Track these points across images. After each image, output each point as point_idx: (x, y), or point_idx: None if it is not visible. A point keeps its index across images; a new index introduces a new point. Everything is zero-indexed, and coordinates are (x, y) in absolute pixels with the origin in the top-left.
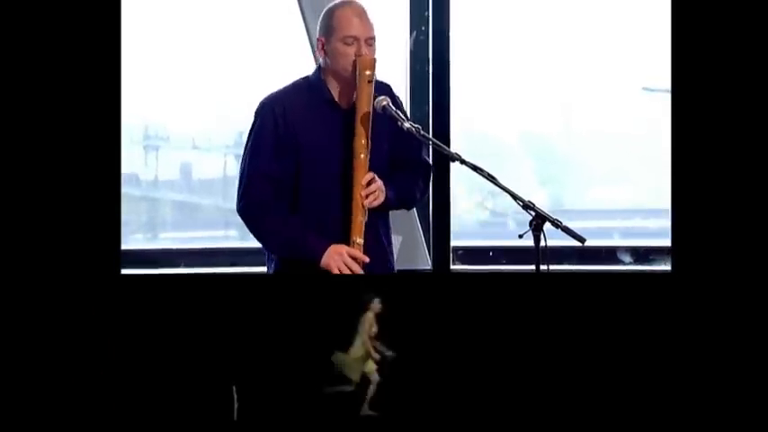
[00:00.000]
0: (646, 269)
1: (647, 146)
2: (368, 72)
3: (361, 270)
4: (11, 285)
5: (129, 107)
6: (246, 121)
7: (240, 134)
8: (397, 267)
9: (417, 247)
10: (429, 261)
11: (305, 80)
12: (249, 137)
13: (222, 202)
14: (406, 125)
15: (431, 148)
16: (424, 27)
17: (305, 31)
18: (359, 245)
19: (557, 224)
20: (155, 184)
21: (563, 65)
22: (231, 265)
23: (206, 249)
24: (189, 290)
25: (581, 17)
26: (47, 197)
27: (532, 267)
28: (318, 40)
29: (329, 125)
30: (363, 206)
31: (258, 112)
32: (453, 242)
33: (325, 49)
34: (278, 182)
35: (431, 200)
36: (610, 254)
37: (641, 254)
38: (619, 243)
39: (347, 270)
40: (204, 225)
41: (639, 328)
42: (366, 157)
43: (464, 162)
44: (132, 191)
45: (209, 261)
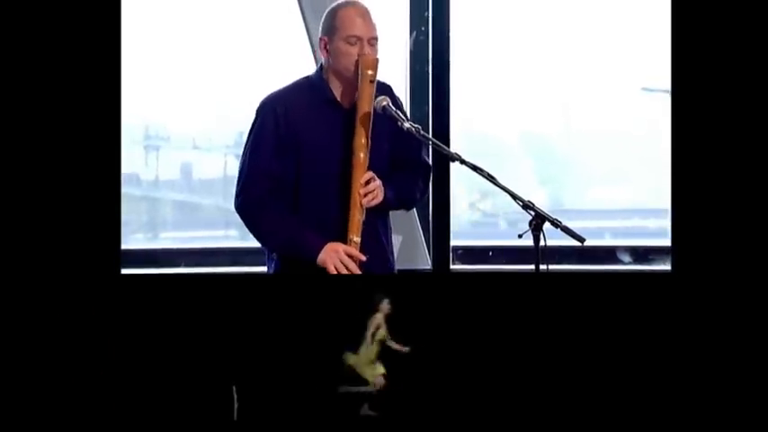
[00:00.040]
0: (645, 269)
1: (646, 146)
2: (370, 72)
3: (358, 268)
4: (11, 285)
5: (130, 107)
6: (247, 121)
7: (241, 134)
8: (397, 267)
9: (417, 246)
10: (429, 261)
11: (306, 80)
12: (249, 135)
13: (223, 202)
14: (406, 125)
15: (431, 148)
16: (423, 27)
17: (305, 31)
18: (356, 243)
19: (556, 224)
20: (155, 183)
21: (562, 65)
22: (231, 265)
23: (206, 249)
24: (189, 290)
25: (580, 17)
26: (47, 197)
27: (532, 267)
28: (321, 39)
29: (330, 124)
30: (361, 205)
31: (259, 111)
32: (452, 242)
33: (327, 49)
34: (277, 180)
35: (430, 200)
36: (609, 254)
37: (640, 254)
38: (618, 243)
39: (343, 267)
40: (205, 225)
41: (639, 328)
42: (366, 156)
43: (464, 162)
44: (133, 191)
45: (209, 261)
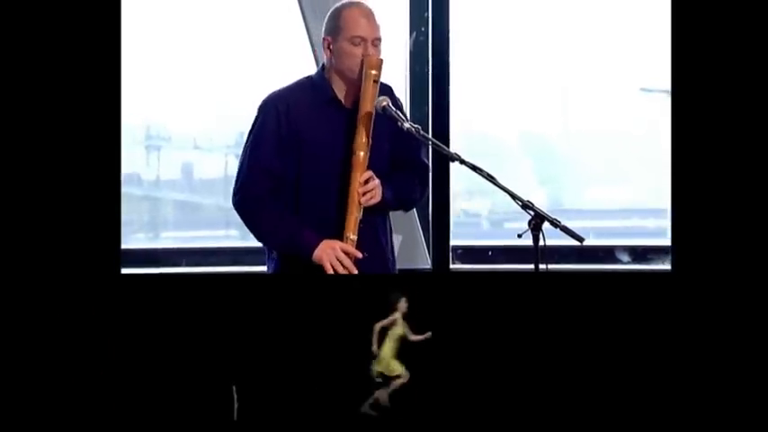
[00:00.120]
0: (644, 268)
1: (645, 146)
2: (374, 72)
3: (353, 266)
4: (11, 285)
5: (131, 107)
6: (247, 121)
7: (241, 134)
8: (398, 267)
9: (417, 246)
10: (429, 260)
11: (308, 79)
12: (250, 133)
13: (223, 202)
14: (406, 125)
15: (430, 148)
16: (423, 28)
17: (305, 31)
18: (352, 241)
19: (555, 224)
20: (156, 183)
21: (561, 65)
22: (232, 265)
23: (207, 249)
24: (189, 289)
25: (579, 18)
26: (47, 197)
27: (531, 266)
28: (324, 39)
29: (332, 124)
30: (359, 203)
31: (261, 109)
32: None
33: (330, 49)
34: (277, 178)
35: (430, 199)
36: (608, 253)
37: (639, 253)
38: (617, 242)
39: (339, 264)
40: (205, 224)
41: (639, 328)
42: (366, 155)
43: (463, 162)
44: (134, 190)
45: (210, 260)
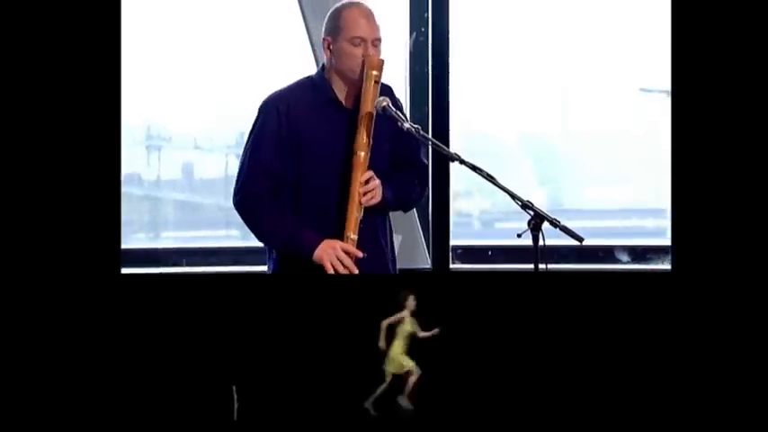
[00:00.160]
0: (643, 268)
1: (644, 146)
2: (375, 72)
3: (354, 265)
4: (11, 285)
5: (132, 108)
6: (248, 121)
7: (242, 134)
8: (398, 266)
9: (417, 246)
10: (428, 260)
11: (308, 79)
12: (251, 133)
13: (224, 202)
14: (406, 126)
15: (430, 148)
16: (423, 28)
17: (305, 31)
18: (352, 240)
19: (555, 223)
20: (157, 183)
21: (561, 66)
22: (233, 265)
23: (208, 248)
24: (189, 289)
25: (579, 19)
26: (47, 197)
27: (531, 266)
28: (324, 39)
29: (332, 124)
30: (360, 203)
31: (262, 109)
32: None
33: (331, 49)
34: (277, 178)
35: (430, 199)
36: (608, 253)
37: (639, 253)
38: (616, 242)
39: (339, 264)
40: (206, 224)
41: (638, 328)
42: (366, 155)
43: (463, 162)
44: (134, 190)
45: (210, 260)
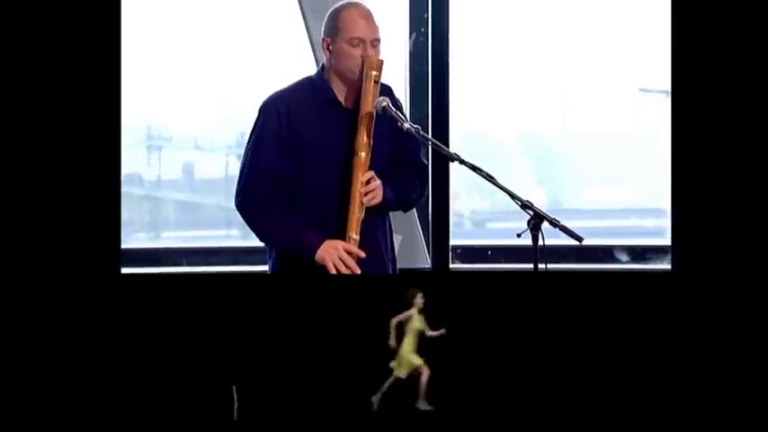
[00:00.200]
0: (642, 268)
1: (643, 146)
2: (375, 73)
3: (356, 265)
4: (11, 284)
5: (132, 108)
6: (248, 122)
7: (242, 134)
8: (397, 266)
9: (417, 246)
10: (428, 260)
11: (308, 80)
12: (251, 134)
13: (224, 202)
14: (406, 126)
15: (430, 148)
16: (423, 29)
17: (305, 31)
18: (354, 240)
19: (554, 223)
20: (157, 183)
21: (560, 66)
22: (233, 264)
23: (208, 248)
24: (189, 289)
25: (578, 19)
26: (47, 197)
27: (531, 266)
28: (323, 40)
29: (332, 125)
30: (361, 203)
31: (262, 110)
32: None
33: (330, 50)
34: (278, 179)
35: (430, 199)
36: (607, 253)
37: (638, 252)
38: (616, 242)
39: (342, 264)
40: (206, 224)
41: (638, 327)
42: (367, 155)
43: (463, 162)
44: (135, 190)
45: (211, 260)
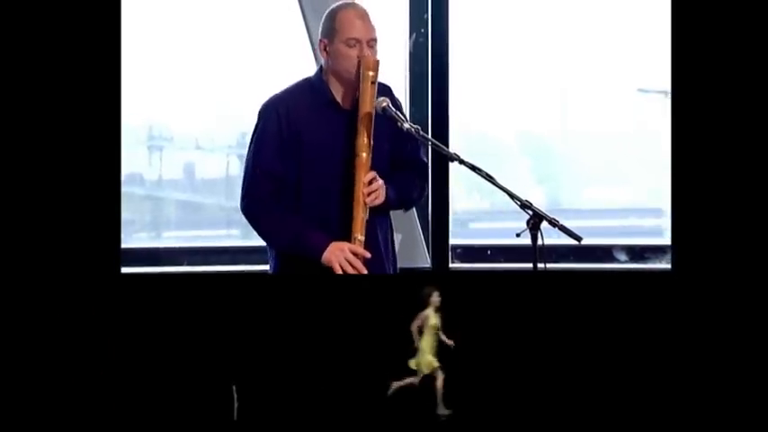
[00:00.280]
0: (641, 267)
1: (642, 146)
2: (371, 73)
3: (363, 266)
4: (11, 284)
5: (134, 108)
6: (249, 122)
7: (243, 134)
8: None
9: (417, 245)
10: (428, 259)
11: (306, 81)
12: (252, 138)
13: (225, 202)
14: (406, 126)
15: (430, 148)
16: (423, 29)
17: (305, 31)
18: (360, 241)
19: (554, 223)
20: (158, 183)
21: (560, 66)
22: (234, 264)
23: (209, 248)
24: (189, 289)
25: (577, 19)
26: (47, 197)
27: (530, 265)
28: (320, 41)
29: (331, 125)
30: (365, 204)
31: (261, 114)
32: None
33: (327, 51)
34: (280, 180)
35: (430, 199)
36: (606, 252)
37: (637, 252)
38: (615, 242)
39: (348, 266)
40: (207, 224)
41: (637, 327)
42: (368, 156)
43: (463, 162)
44: (136, 190)
45: (211, 259)
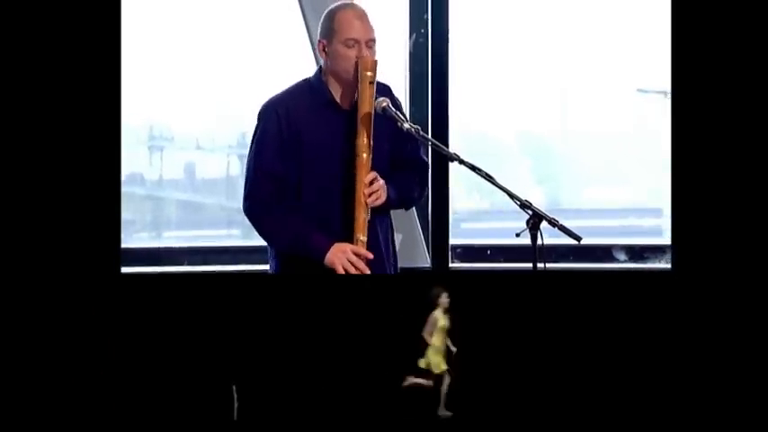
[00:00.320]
0: (641, 267)
1: (641, 146)
2: (369, 73)
3: (366, 267)
4: (11, 284)
5: (135, 108)
6: (249, 122)
7: (243, 135)
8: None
9: (417, 245)
10: (428, 259)
11: (306, 82)
12: (253, 140)
13: (225, 202)
14: (406, 126)
15: (430, 148)
16: (423, 29)
17: (305, 31)
18: (362, 242)
19: (553, 223)
20: (159, 183)
21: (559, 66)
22: (234, 264)
23: (209, 248)
24: (189, 289)
25: (577, 20)
26: (47, 197)
27: (530, 265)
28: (319, 42)
29: (331, 126)
30: (366, 204)
31: (261, 115)
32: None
33: (326, 51)
34: (281, 181)
35: (429, 199)
36: (605, 252)
37: (636, 252)
38: (614, 241)
39: (351, 267)
40: (207, 224)
41: (637, 327)
42: (369, 156)
43: (462, 162)
44: (137, 190)
45: (212, 259)
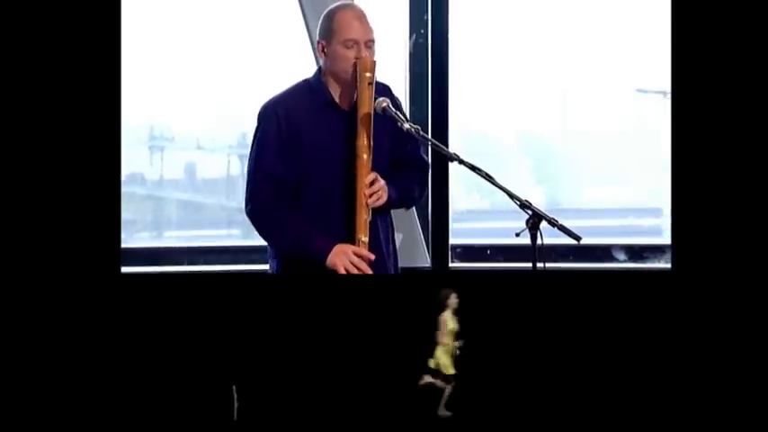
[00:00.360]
0: (640, 266)
1: (641, 146)
2: (368, 74)
3: (368, 267)
4: (11, 284)
5: (135, 109)
6: (249, 122)
7: (243, 135)
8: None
9: (417, 245)
10: (428, 259)
11: (305, 83)
12: (253, 141)
13: (226, 201)
14: (406, 126)
15: (430, 148)
16: (423, 30)
17: (305, 31)
18: (364, 243)
19: (553, 223)
20: (160, 183)
21: (559, 67)
22: (234, 263)
23: (210, 248)
24: (189, 288)
25: (577, 20)
26: (47, 196)
27: (529, 265)
28: (318, 42)
29: (330, 126)
30: (367, 205)
31: (261, 116)
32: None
33: (325, 52)
34: (282, 182)
35: (429, 199)
36: (605, 252)
37: (636, 252)
38: (614, 241)
39: (353, 268)
40: (208, 224)
41: (637, 326)
42: (369, 157)
43: (462, 162)
44: (138, 190)
45: (212, 259)
